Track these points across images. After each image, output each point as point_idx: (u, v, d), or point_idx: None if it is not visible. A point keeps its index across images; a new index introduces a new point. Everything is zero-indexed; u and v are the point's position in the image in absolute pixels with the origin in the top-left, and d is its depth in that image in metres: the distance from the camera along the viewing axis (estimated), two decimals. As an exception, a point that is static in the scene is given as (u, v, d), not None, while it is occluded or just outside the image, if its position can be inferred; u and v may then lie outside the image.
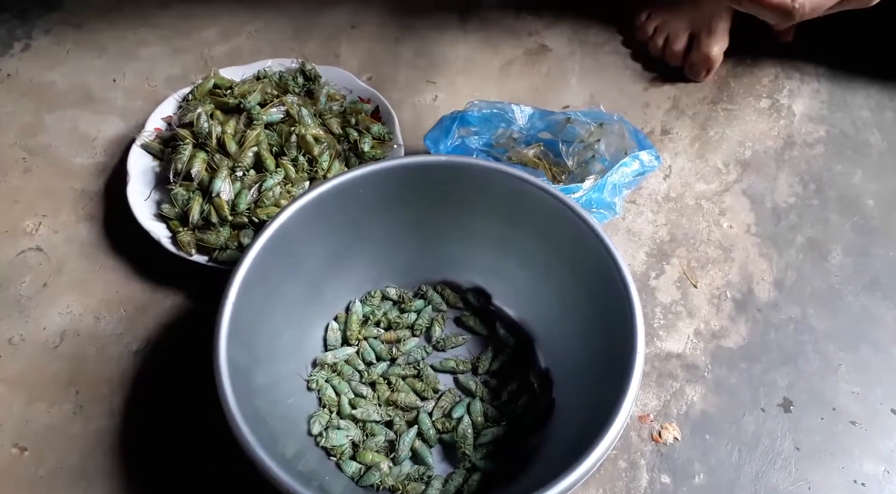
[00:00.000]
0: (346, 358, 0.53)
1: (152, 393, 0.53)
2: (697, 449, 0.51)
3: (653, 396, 0.54)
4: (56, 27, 0.79)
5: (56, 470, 0.49)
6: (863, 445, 0.51)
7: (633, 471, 0.50)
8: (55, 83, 0.73)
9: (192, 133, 0.60)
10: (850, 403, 0.53)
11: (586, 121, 0.61)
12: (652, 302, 0.59)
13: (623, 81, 0.75)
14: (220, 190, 0.57)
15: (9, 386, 0.53)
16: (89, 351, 0.55)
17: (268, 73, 0.67)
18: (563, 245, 0.49)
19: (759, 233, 0.63)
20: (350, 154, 0.62)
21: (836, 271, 0.61)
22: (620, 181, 0.57)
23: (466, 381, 0.53)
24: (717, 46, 0.72)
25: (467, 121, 0.61)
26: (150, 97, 0.72)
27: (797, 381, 0.54)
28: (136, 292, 0.58)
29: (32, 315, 0.57)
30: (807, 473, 0.50)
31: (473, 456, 0.49)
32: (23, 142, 0.68)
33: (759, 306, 0.59)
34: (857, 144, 0.69)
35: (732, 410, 0.53)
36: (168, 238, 0.57)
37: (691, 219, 0.64)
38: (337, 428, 0.49)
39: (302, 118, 0.61)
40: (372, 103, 0.67)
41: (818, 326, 0.57)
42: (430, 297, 0.57)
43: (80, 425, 0.51)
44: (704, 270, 0.61)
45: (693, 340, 0.57)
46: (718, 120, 0.72)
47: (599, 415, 0.41)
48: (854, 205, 0.65)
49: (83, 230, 0.62)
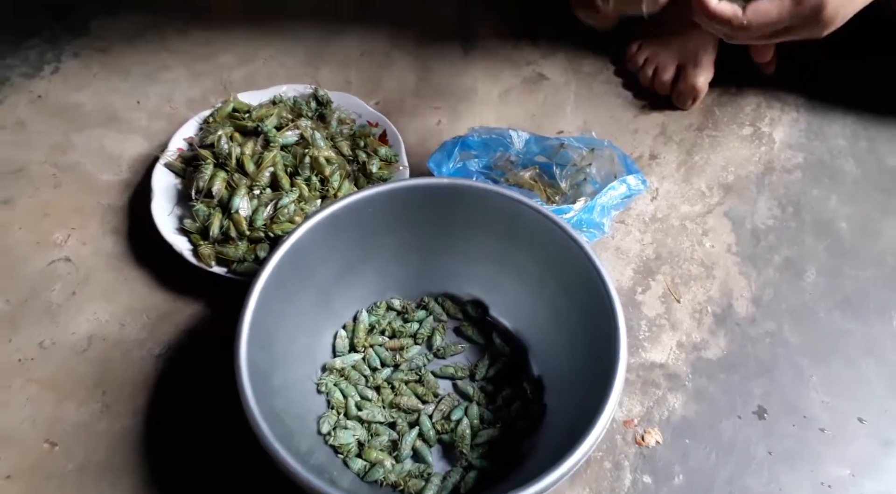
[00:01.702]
0: (353, 364, 0.57)
1: (173, 394, 0.57)
2: (678, 452, 0.55)
3: (637, 403, 0.58)
4: (84, 51, 0.84)
5: (84, 465, 0.53)
6: (831, 450, 0.55)
7: (617, 472, 0.54)
8: (83, 104, 0.78)
9: (213, 153, 0.65)
10: (821, 412, 0.57)
11: (579, 147, 0.65)
12: (638, 316, 0.63)
13: (614, 109, 0.80)
14: (238, 206, 0.61)
15: (41, 387, 0.57)
16: (115, 355, 0.59)
17: (283, 98, 0.72)
18: (554, 261, 0.53)
19: (739, 252, 0.67)
20: (359, 175, 0.67)
21: (811, 289, 0.65)
22: (609, 203, 0.61)
23: (464, 386, 0.57)
24: (703, 77, 0.77)
25: (468, 145, 0.65)
26: (171, 118, 0.77)
27: (772, 391, 0.58)
28: (159, 301, 0.63)
29: (62, 321, 0.61)
30: (778, 476, 0.54)
31: (470, 456, 0.53)
32: (53, 159, 0.73)
33: (737, 320, 0.63)
34: (833, 171, 0.74)
35: (711, 416, 0.57)
36: (189, 250, 0.62)
37: (676, 238, 0.68)
38: (344, 428, 0.53)
39: (315, 141, 0.66)
40: (379, 127, 0.71)
41: (792, 340, 0.62)
42: (431, 308, 0.61)
43: (107, 423, 0.55)
44: (687, 286, 0.65)
45: (675, 351, 0.61)
46: (703, 146, 0.76)
47: (584, 419, 0.45)
48: (828, 228, 0.69)
49: (109, 242, 0.67)
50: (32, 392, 0.57)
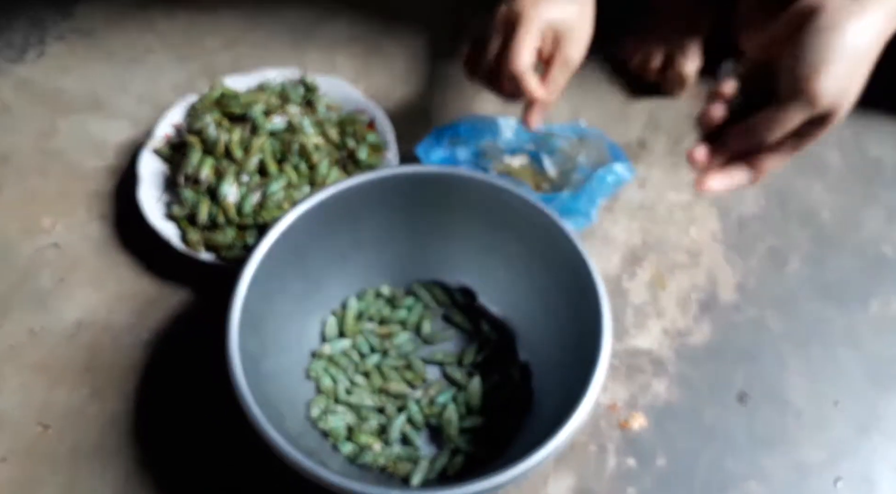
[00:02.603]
0: (342, 350, 0.58)
1: (162, 379, 0.57)
2: (661, 436, 0.56)
3: (622, 388, 0.59)
4: (69, 35, 0.82)
5: (76, 447, 0.54)
6: (808, 434, 0.57)
7: (601, 455, 0.55)
8: (68, 89, 0.77)
9: (201, 139, 0.64)
10: (799, 397, 0.59)
11: (568, 135, 0.66)
12: (624, 303, 0.64)
13: (604, 96, 0.80)
14: (227, 193, 0.61)
15: (32, 371, 0.57)
16: (104, 340, 0.59)
17: (270, 83, 0.71)
18: (541, 249, 0.54)
19: (724, 240, 0.68)
20: (347, 161, 0.67)
21: (794, 277, 0.66)
22: (596, 191, 0.62)
23: (452, 372, 0.57)
24: (691, 64, 0.77)
25: (457, 132, 0.65)
26: (157, 103, 0.76)
27: (753, 376, 0.60)
28: (147, 287, 0.63)
29: (51, 307, 0.61)
30: (759, 459, 0.55)
31: (458, 440, 0.54)
32: (39, 145, 0.72)
33: (722, 308, 0.64)
34: (818, 161, 0.75)
35: (694, 401, 0.58)
36: (177, 237, 0.61)
37: (663, 226, 0.69)
38: (334, 413, 0.54)
39: (303, 127, 0.66)
40: (368, 114, 0.71)
41: (775, 327, 0.63)
42: (420, 295, 0.61)
43: (97, 407, 0.56)
44: (673, 274, 0.66)
45: (661, 338, 0.62)
46: (692, 134, 0.77)
47: (569, 403, 0.46)
48: (812, 217, 0.70)
49: (96, 228, 0.66)
50: (24, 377, 0.57)
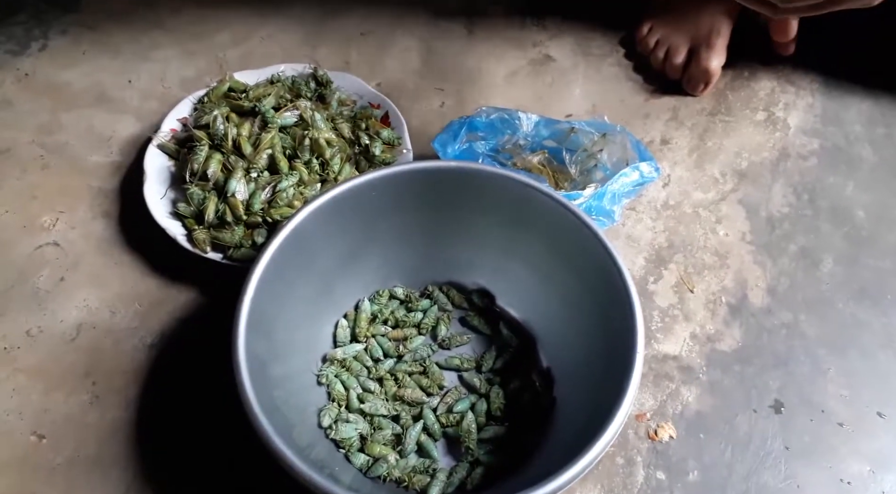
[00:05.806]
0: (354, 355, 0.55)
1: (166, 385, 0.55)
2: (692, 448, 0.53)
3: (649, 396, 0.56)
4: (72, 28, 0.80)
5: (73, 458, 0.51)
6: (849, 446, 0.53)
7: (629, 467, 0.52)
8: (72, 83, 0.75)
9: (209, 134, 0.62)
10: (838, 405, 0.55)
11: (590, 131, 0.63)
12: (650, 306, 0.61)
13: (624, 92, 0.77)
14: (235, 190, 0.59)
15: (28, 376, 0.55)
16: (105, 344, 0.57)
17: (281, 77, 0.69)
18: (566, 249, 0.51)
19: (753, 240, 0.65)
20: (360, 158, 0.64)
21: (827, 279, 0.63)
22: (620, 190, 0.59)
23: (470, 378, 0.54)
24: (716, 60, 0.74)
25: (475, 126, 0.63)
26: (164, 98, 0.74)
27: (788, 384, 0.57)
28: (151, 287, 0.60)
29: (50, 308, 0.58)
30: (796, 472, 0.52)
31: (477, 451, 0.51)
32: (41, 139, 0.70)
33: (752, 311, 0.61)
34: (850, 157, 0.72)
35: (726, 410, 0.55)
36: (183, 236, 0.59)
37: (689, 226, 0.66)
38: (346, 422, 0.51)
39: (315, 122, 0.63)
40: (381, 109, 0.68)
41: (809, 331, 0.60)
42: (435, 297, 0.59)
43: (97, 415, 0.53)
44: (701, 276, 0.63)
45: (689, 343, 0.59)
46: (716, 131, 0.74)
47: (599, 413, 0.42)
48: (845, 215, 0.67)
49: (99, 226, 0.64)
50: (19, 382, 0.55)
